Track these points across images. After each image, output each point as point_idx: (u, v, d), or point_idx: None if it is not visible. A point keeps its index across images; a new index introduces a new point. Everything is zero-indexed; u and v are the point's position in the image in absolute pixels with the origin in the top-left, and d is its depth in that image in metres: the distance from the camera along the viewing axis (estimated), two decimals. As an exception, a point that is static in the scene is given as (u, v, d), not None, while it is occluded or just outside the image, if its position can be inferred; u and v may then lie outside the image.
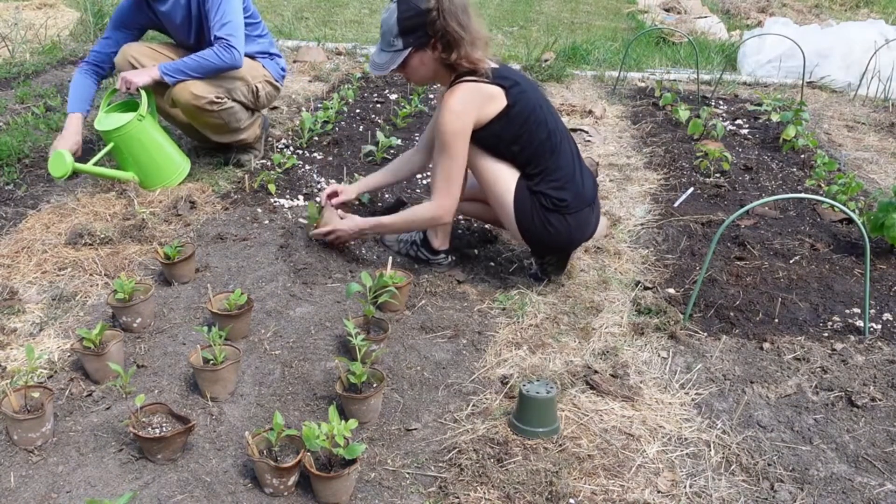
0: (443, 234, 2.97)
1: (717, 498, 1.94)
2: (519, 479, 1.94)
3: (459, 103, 2.62)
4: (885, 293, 2.93)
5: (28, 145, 3.86)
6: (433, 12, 2.56)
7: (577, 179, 2.78)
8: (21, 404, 2.02)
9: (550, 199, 2.71)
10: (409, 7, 2.58)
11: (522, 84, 2.73)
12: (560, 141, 2.76)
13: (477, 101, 2.64)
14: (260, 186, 3.63)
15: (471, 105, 2.63)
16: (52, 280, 2.82)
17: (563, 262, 2.92)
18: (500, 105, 2.65)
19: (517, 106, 2.67)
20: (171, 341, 2.49)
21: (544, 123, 2.72)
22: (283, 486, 1.87)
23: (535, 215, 2.73)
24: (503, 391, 2.31)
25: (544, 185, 2.72)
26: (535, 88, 2.82)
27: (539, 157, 2.72)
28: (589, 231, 2.86)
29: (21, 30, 6.03)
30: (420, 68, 2.70)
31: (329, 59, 6.35)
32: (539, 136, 2.70)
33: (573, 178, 2.76)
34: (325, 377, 2.33)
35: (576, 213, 2.76)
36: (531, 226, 2.75)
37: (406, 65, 2.68)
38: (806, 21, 8.28)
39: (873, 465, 2.07)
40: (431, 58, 2.65)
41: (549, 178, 2.72)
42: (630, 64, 6.32)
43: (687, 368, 2.46)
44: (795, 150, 4.43)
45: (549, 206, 2.72)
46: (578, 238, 2.84)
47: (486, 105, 2.65)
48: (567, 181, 2.74)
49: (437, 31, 2.58)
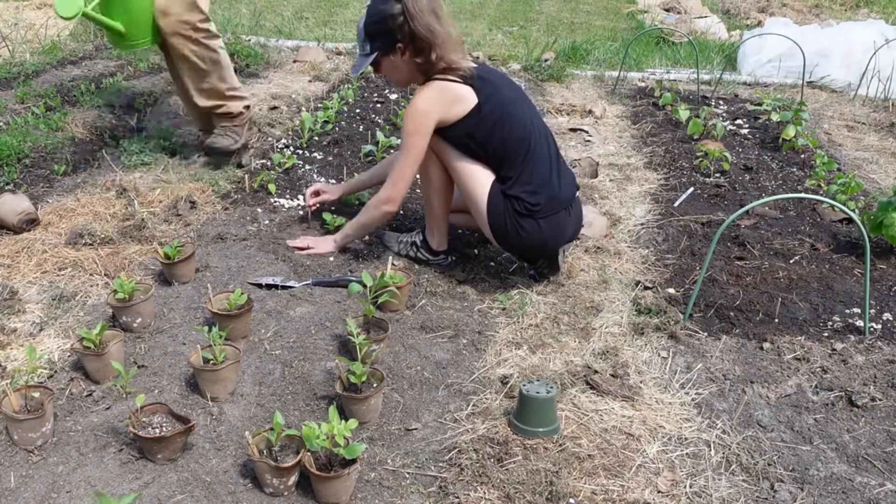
0: (439, 235, 2.97)
1: (717, 498, 1.94)
2: (519, 479, 1.94)
3: (423, 102, 2.67)
4: (885, 293, 2.93)
5: (28, 145, 3.86)
6: (399, 17, 2.61)
7: (553, 181, 2.75)
8: (21, 404, 2.02)
9: (523, 203, 2.70)
10: (375, 13, 2.65)
11: (497, 83, 2.74)
12: (536, 142, 2.75)
13: (443, 100, 2.66)
14: (260, 186, 3.63)
15: (435, 105, 2.66)
16: (52, 280, 2.82)
17: (554, 264, 2.91)
18: (470, 105, 2.67)
19: (487, 105, 2.68)
20: (171, 341, 2.49)
21: (519, 124, 2.72)
22: (283, 486, 1.87)
23: (508, 220, 2.73)
24: (503, 391, 2.31)
25: (518, 189, 2.71)
26: (511, 87, 2.82)
27: (513, 159, 2.71)
28: (566, 234, 2.84)
29: (21, 30, 6.03)
30: (393, 71, 2.77)
31: (329, 59, 6.35)
32: (512, 136, 2.70)
33: (549, 181, 2.75)
34: (325, 377, 2.33)
35: (549, 216, 2.74)
36: (504, 230, 2.76)
37: (378, 67, 2.77)
38: (806, 21, 8.28)
39: (873, 465, 2.07)
40: (402, 61, 2.70)
41: (523, 181, 2.71)
42: (630, 64, 6.32)
43: (687, 368, 2.46)
44: (795, 150, 4.43)
45: (521, 211, 2.71)
46: (553, 242, 2.81)
47: (454, 105, 2.67)
48: (542, 184, 2.73)
49: (405, 35, 2.63)
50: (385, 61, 2.73)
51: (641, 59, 6.65)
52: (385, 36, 2.65)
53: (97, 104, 4.56)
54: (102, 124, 4.34)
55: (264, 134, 4.43)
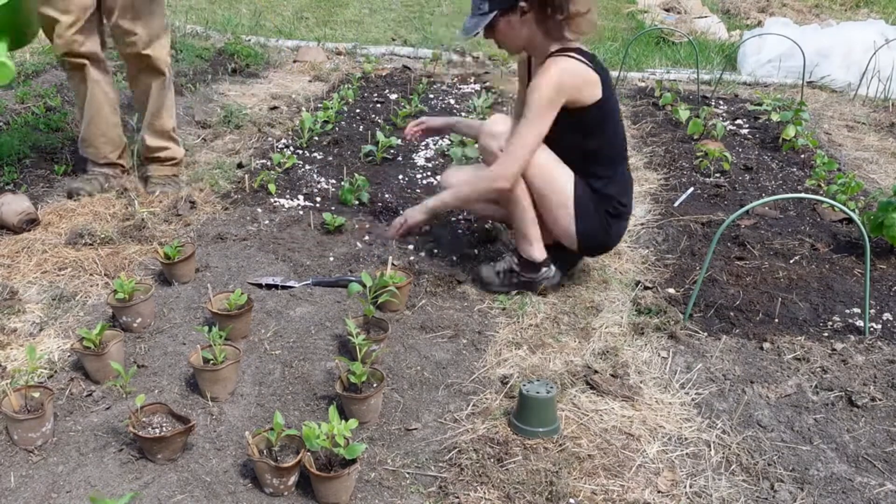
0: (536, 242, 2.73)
1: (717, 498, 1.94)
2: (519, 479, 1.94)
3: (559, 75, 2.46)
4: (885, 293, 2.93)
5: (28, 145, 3.86)
6: None
7: (632, 182, 2.82)
8: (21, 404, 2.02)
9: (616, 202, 2.67)
10: None
11: (611, 80, 2.65)
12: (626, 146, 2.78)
13: (578, 80, 2.49)
14: (260, 186, 3.63)
15: (570, 81, 2.48)
16: (52, 280, 2.82)
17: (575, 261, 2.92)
18: (596, 94, 2.52)
19: (612, 98, 2.57)
20: (171, 341, 2.49)
21: (621, 124, 2.72)
22: (283, 486, 1.87)
23: (599, 219, 2.66)
24: (503, 391, 2.31)
25: (612, 188, 2.66)
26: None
27: (612, 159, 2.68)
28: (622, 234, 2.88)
29: (21, 30, 6.02)
30: (510, 33, 2.55)
31: (329, 59, 6.35)
32: (618, 134, 2.68)
33: (631, 182, 2.79)
34: (325, 377, 2.33)
35: (628, 218, 2.81)
36: (591, 228, 2.65)
37: (494, 29, 2.55)
38: (806, 21, 8.27)
39: (873, 465, 2.07)
40: (520, 21, 2.50)
41: (616, 180, 2.69)
42: (630, 64, 6.32)
43: (687, 368, 2.46)
44: (795, 150, 4.43)
45: (612, 212, 2.69)
46: (617, 241, 2.85)
47: (584, 88, 2.50)
48: (627, 184, 2.75)
49: None
50: (503, 22, 2.50)
51: (641, 59, 6.64)
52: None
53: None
54: (102, 124, 4.34)
55: (264, 134, 4.43)
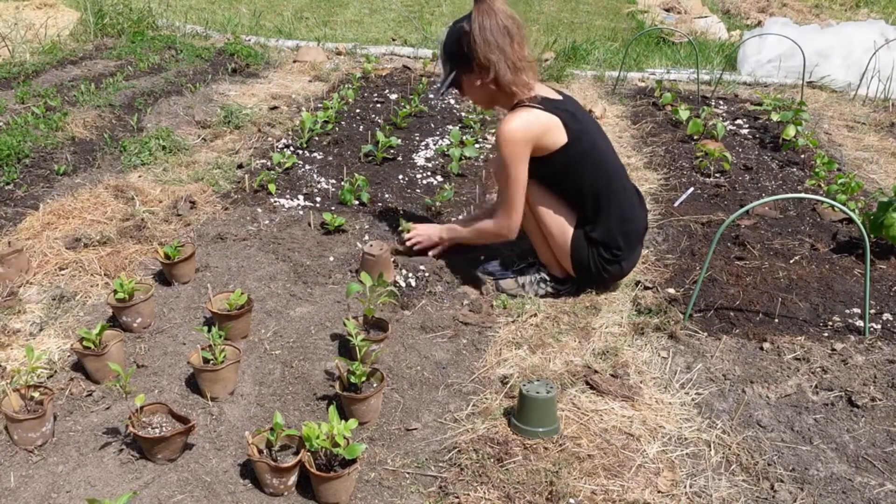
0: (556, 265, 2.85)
1: (717, 498, 1.94)
2: (519, 479, 1.94)
3: (512, 129, 2.59)
4: (885, 293, 2.93)
5: (28, 145, 3.86)
6: (467, 36, 2.55)
7: (637, 215, 2.81)
8: (21, 404, 2.02)
9: (609, 249, 2.73)
10: (452, 31, 2.63)
11: (583, 119, 2.71)
12: (618, 179, 2.76)
13: (534, 129, 2.60)
14: (260, 186, 3.64)
15: (524, 132, 2.59)
16: (52, 280, 2.82)
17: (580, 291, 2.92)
18: (561, 138, 2.62)
19: (580, 143, 2.64)
20: (171, 341, 2.49)
21: (604, 163, 2.72)
22: (282, 486, 1.87)
23: (592, 264, 2.76)
24: (503, 391, 2.31)
25: (601, 232, 2.71)
26: (594, 123, 2.81)
27: (597, 199, 2.70)
28: (635, 263, 2.89)
29: (21, 30, 6.03)
30: (472, 91, 2.71)
31: (329, 59, 6.35)
32: (599, 176, 2.69)
33: (633, 216, 2.78)
34: (325, 377, 2.33)
35: (629, 255, 2.80)
36: (587, 272, 2.79)
37: (460, 87, 2.71)
38: (806, 21, 8.27)
39: (873, 465, 2.07)
40: (480, 79, 2.63)
41: (606, 222, 2.71)
42: (630, 64, 6.32)
43: (687, 368, 2.46)
44: (795, 150, 4.43)
45: (606, 257, 2.74)
46: (627, 273, 2.88)
47: (545, 135, 2.61)
48: (624, 220, 2.74)
49: (476, 55, 2.56)
50: (465, 81, 2.67)
51: (641, 59, 6.64)
52: (460, 55, 2.60)
53: (97, 104, 4.56)
54: (102, 124, 4.35)
55: (264, 134, 4.43)
